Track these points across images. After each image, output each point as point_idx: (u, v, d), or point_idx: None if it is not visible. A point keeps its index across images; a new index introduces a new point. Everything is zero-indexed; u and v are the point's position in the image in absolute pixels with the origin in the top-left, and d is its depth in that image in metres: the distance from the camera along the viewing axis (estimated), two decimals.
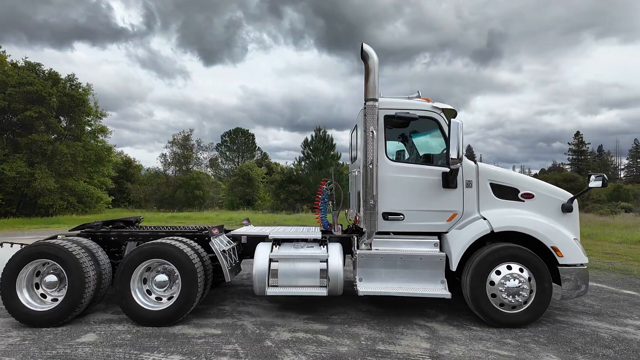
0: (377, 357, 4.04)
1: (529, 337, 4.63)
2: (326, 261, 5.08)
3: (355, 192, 5.91)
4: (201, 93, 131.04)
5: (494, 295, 4.92)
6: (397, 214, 5.18)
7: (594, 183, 5.22)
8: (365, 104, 5.06)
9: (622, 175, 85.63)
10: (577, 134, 79.38)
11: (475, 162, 5.38)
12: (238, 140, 68.20)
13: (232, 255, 5.39)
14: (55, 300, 4.98)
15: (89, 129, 29.14)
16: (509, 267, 4.94)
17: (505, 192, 5.35)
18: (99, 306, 5.59)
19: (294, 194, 33.99)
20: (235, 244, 5.66)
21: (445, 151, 5.35)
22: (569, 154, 79.82)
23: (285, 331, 4.75)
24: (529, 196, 5.36)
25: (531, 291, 4.90)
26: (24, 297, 4.90)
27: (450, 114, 5.44)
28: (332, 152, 36.29)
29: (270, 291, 4.95)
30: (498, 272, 4.93)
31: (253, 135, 70.10)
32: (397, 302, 5.91)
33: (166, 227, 6.56)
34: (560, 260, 4.99)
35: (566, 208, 5.40)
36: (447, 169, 5.20)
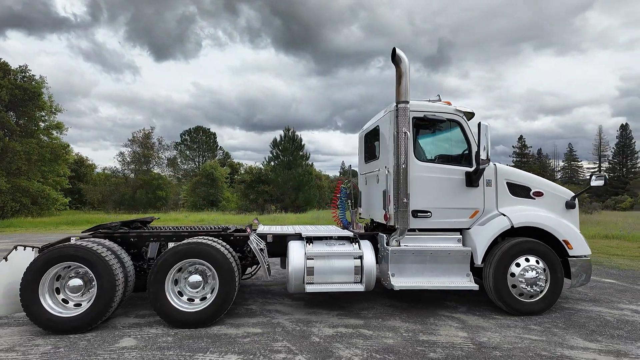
0: (425, 346, 4.25)
1: (548, 323, 5.06)
2: (360, 258, 5.23)
3: (376, 191, 6.08)
4: (151, 89, 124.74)
5: (514, 286, 5.31)
6: (425, 211, 5.43)
7: (595, 182, 5.79)
8: (397, 105, 5.26)
9: (558, 177, 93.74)
10: (521, 137, 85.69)
11: (493, 163, 5.76)
12: (199, 139, 66.28)
13: (266, 255, 5.38)
14: (78, 305, 4.72)
15: (43, 125, 27.10)
16: (527, 260, 5.36)
17: (519, 191, 5.78)
18: (117, 310, 5.35)
19: (263, 194, 33.68)
20: (264, 243, 5.64)
21: (465, 152, 5.70)
22: (513, 157, 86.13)
23: (326, 327, 4.84)
24: (539, 194, 5.83)
25: (546, 281, 5.35)
26: (47, 302, 4.61)
27: (469, 116, 5.80)
28: (301, 152, 36.37)
29: (310, 288, 5.01)
30: (517, 265, 5.34)
31: (214, 134, 68.47)
32: (416, 296, 6.18)
33: (182, 227, 6.37)
34: (570, 252, 5.49)
35: (569, 205, 5.93)
36: (469, 169, 5.54)
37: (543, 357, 4.00)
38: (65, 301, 4.73)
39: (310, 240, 5.39)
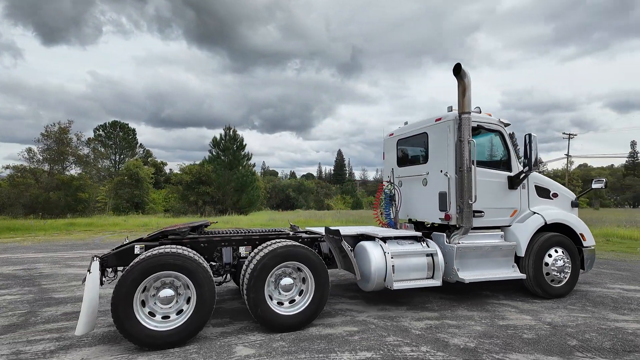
0: (512, 330, 4.85)
1: (578, 303, 6.05)
2: (431, 255, 5.67)
3: (421, 193, 6.57)
4: (38, 76, 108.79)
5: (547, 274, 6.23)
6: (480, 211, 6.07)
7: (596, 185, 7.02)
8: (461, 116, 5.80)
9: None
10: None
11: None
12: (116, 135, 60.53)
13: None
14: (166, 317, 4.39)
15: None
16: (556, 251, 6.32)
17: (542, 193, 6.75)
18: None
19: (203, 196, 32.19)
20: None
21: (504, 158, 6.49)
22: None
23: (412, 320, 5.19)
24: (555, 195, 6.88)
25: (569, 268, 6.37)
26: (141, 316, 4.22)
27: (507, 126, 6.60)
28: (242, 152, 35.52)
29: (397, 285, 5.30)
30: (550, 255, 6.27)
31: (134, 130, 63.13)
32: (448, 289, 6.82)
33: (246, 230, 6.14)
34: (584, 244, 6.60)
35: (574, 204, 7.09)
36: (511, 173, 6.34)
37: (606, 330, 4.87)
38: (152, 314, 4.37)
39: (384, 240, 5.67)
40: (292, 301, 4.95)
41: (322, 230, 6.52)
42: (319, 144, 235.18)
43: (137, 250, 4.93)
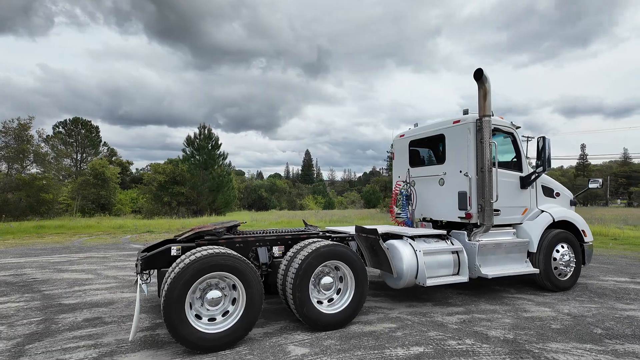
0: (538, 321, 5.15)
1: (584, 295, 6.50)
2: (456, 252, 5.89)
3: (437, 193, 6.80)
4: None
5: (555, 268, 6.64)
6: (496, 210, 6.36)
7: (592, 185, 7.54)
8: (482, 118, 6.06)
9: None
10: (392, 145, 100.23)
11: None
12: (77, 133, 57.46)
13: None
14: (212, 320, 4.32)
15: None
16: (562, 247, 6.75)
17: (547, 192, 7.17)
18: None
19: (178, 196, 31.25)
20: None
21: (515, 159, 6.84)
22: (387, 160, 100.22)
23: (444, 315, 5.38)
24: (558, 195, 7.34)
25: (574, 262, 6.82)
26: (192, 318, 4.12)
27: (518, 129, 6.95)
28: (218, 152, 34.81)
29: (430, 282, 5.47)
30: (557, 251, 6.69)
31: (97, 127, 60.17)
32: (460, 285, 7.10)
33: (271, 230, 6.09)
34: (585, 239, 7.08)
35: (572, 203, 7.59)
36: (522, 174, 6.70)
37: (620, 319, 5.27)
38: (198, 317, 4.28)
39: (412, 238, 5.84)
40: (330, 300, 5.00)
41: (339, 229, 6.60)
42: (286, 144, 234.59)
43: (173, 252, 4.82)
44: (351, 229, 6.25)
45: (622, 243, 13.93)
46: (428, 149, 7.51)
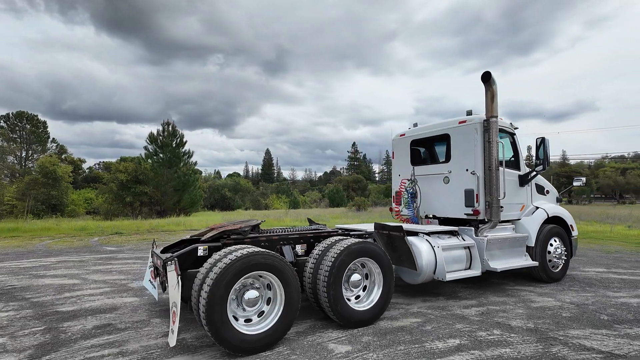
0: (547, 311, 5.47)
1: (575, 286, 6.98)
2: (468, 248, 6.12)
3: (442, 191, 7.03)
4: None
5: (550, 260, 7.08)
6: (500, 206, 6.68)
7: (576, 182, 8.11)
8: (490, 119, 6.33)
9: (377, 178, 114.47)
10: (354, 144, 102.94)
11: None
12: (21, 128, 53.10)
13: None
14: (248, 320, 4.20)
15: None
16: (555, 240, 7.21)
17: (540, 189, 7.63)
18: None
19: (141, 196, 29.78)
20: None
21: (513, 158, 7.21)
22: (348, 160, 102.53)
23: (462, 308, 5.57)
24: (547, 192, 7.82)
25: (565, 255, 7.31)
26: (232, 320, 3.98)
27: (516, 129, 7.32)
28: (183, 149, 33.56)
29: (449, 276, 5.63)
30: (551, 244, 7.14)
31: (44, 122, 55.91)
32: (458, 280, 7.39)
33: (290, 228, 5.98)
34: (573, 233, 7.61)
35: (558, 199, 8.13)
36: (520, 172, 7.08)
37: (617, 305, 5.72)
38: (235, 318, 4.13)
39: (428, 235, 5.98)
40: (356, 297, 5.01)
41: (351, 226, 6.64)
42: (244, 143, 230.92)
43: (200, 252, 4.62)
44: (365, 227, 6.30)
45: (584, 237, 15.09)
46: (431, 148, 7.72)
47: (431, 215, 7.40)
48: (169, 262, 4.00)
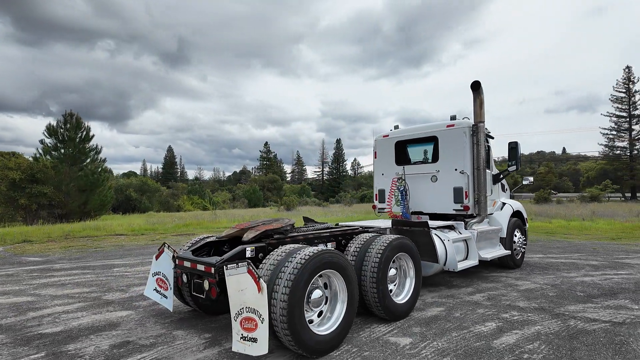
0: (537, 292, 6.28)
1: (537, 270, 8.09)
2: (465, 240, 6.70)
3: (430, 189, 7.57)
4: None
5: (515, 249, 8.11)
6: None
7: (525, 181, 9.39)
8: (478, 124, 7.01)
9: (288, 178, 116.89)
10: (266, 144, 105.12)
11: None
12: None
13: None
14: (310, 322, 4.09)
15: None
16: (517, 232, 8.29)
17: (503, 187, 8.67)
18: None
19: (38, 198, 25.55)
20: None
21: (488, 160, 8.08)
22: (260, 160, 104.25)
23: (469, 295, 6.09)
24: (506, 190, 8.93)
25: (524, 244, 8.44)
26: (308, 321, 3.81)
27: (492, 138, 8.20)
28: (89, 145, 29.70)
29: (460, 266, 6.10)
30: (515, 235, 8.18)
31: None
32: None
33: (314, 225, 5.80)
34: (527, 225, 8.81)
35: (511, 196, 9.34)
36: (494, 172, 7.98)
37: (580, 283, 6.81)
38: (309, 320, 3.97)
39: (434, 229, 6.39)
40: (390, 291, 5.17)
41: (363, 223, 6.78)
42: (139, 139, 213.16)
43: (248, 254, 4.32)
44: (377, 223, 6.48)
45: None
46: (417, 148, 8.23)
47: (418, 212, 7.90)
48: (238, 264, 3.65)
